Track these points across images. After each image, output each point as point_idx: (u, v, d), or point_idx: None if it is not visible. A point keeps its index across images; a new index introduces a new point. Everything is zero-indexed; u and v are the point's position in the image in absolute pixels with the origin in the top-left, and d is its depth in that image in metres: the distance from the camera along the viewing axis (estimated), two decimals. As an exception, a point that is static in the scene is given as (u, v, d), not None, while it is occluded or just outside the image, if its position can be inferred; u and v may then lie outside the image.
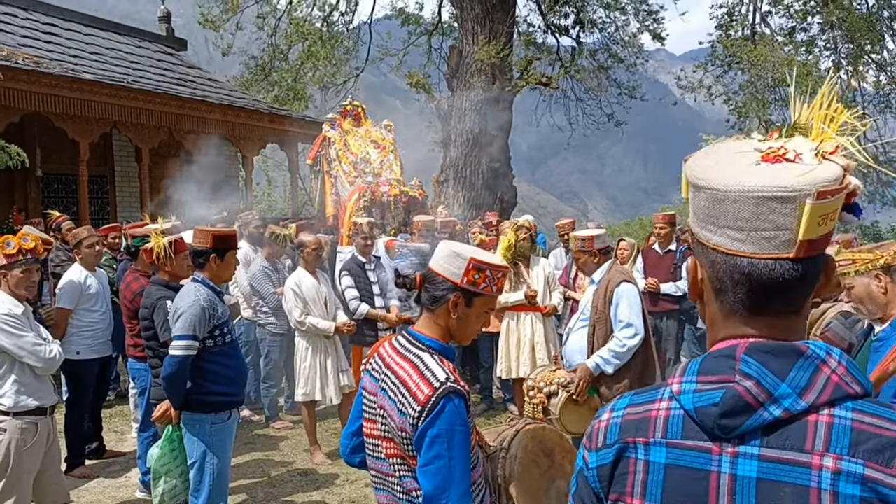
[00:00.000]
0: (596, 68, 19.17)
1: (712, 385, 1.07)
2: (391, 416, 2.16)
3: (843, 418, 1.03)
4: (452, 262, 2.24)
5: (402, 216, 8.49)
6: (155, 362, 4.61)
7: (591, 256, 4.74)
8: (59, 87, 10.67)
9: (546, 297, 6.81)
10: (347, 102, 9.68)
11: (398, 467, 2.19)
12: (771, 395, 1.04)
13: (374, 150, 9.08)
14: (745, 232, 1.08)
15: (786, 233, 1.06)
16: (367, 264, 6.68)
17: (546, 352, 6.60)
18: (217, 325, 3.97)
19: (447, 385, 2.09)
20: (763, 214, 1.07)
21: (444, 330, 2.27)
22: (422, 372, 2.13)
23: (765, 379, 1.04)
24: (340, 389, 6.18)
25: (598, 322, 4.55)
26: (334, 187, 8.80)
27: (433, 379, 2.11)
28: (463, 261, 2.23)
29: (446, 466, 2.05)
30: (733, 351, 1.08)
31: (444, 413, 2.06)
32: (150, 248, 4.53)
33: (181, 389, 3.86)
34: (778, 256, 1.07)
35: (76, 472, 5.74)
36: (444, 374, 2.12)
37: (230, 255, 4.13)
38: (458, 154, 16.99)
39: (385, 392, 2.19)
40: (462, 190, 16.61)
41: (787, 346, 1.07)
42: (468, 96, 16.82)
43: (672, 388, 1.12)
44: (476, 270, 2.22)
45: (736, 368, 1.06)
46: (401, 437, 2.14)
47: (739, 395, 1.04)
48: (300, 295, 6.08)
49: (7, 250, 3.84)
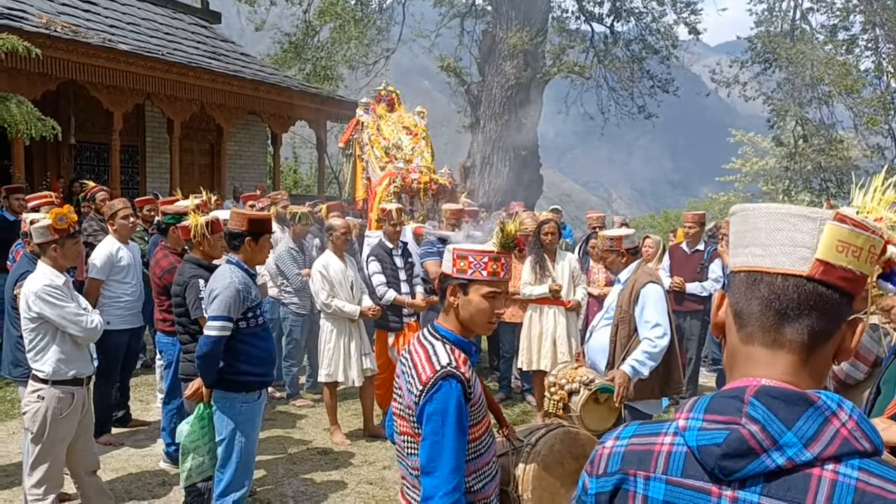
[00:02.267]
0: (630, 59, 18.99)
1: (718, 425, 1.05)
2: (404, 394, 2.36)
3: (848, 476, 1.00)
4: (445, 257, 2.47)
5: (430, 203, 8.55)
6: (185, 338, 4.71)
7: (619, 256, 4.74)
8: (96, 56, 10.81)
9: (570, 292, 6.84)
10: (382, 87, 9.67)
11: (408, 443, 2.37)
12: (776, 441, 1.01)
13: (407, 136, 9.10)
14: (766, 247, 1.11)
15: (804, 250, 1.08)
16: (395, 250, 6.71)
17: (567, 346, 6.66)
18: (250, 308, 4.05)
19: (447, 369, 2.27)
20: (785, 230, 1.10)
21: (458, 322, 2.44)
22: (430, 356, 2.33)
23: (771, 425, 1.02)
24: (363, 372, 6.26)
25: (622, 322, 4.56)
26: (365, 171, 8.85)
27: (436, 362, 2.30)
28: (449, 253, 2.43)
29: (438, 443, 2.21)
30: (742, 393, 1.06)
31: (440, 392, 2.23)
32: (188, 227, 4.60)
33: (214, 368, 3.95)
34: (793, 272, 1.08)
35: (102, 439, 5.86)
36: (447, 359, 2.30)
37: (265, 239, 4.18)
38: (486, 140, 17.01)
39: (403, 374, 2.40)
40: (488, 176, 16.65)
41: (797, 393, 1.05)
42: (499, 82, 16.80)
43: (678, 423, 1.11)
44: (459, 259, 2.40)
45: (743, 411, 1.04)
46: (409, 415, 2.33)
47: (743, 439, 1.02)
48: (327, 277, 6.16)
49: (60, 224, 3.92)
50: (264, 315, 4.27)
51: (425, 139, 9.24)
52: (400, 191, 8.25)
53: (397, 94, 9.73)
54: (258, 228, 4.13)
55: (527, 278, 6.91)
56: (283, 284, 7.26)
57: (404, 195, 8.36)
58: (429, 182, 8.43)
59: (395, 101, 9.64)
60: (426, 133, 9.34)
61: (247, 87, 13.66)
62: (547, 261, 6.86)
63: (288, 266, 7.12)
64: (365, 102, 9.43)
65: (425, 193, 8.42)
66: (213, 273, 4.23)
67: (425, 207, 8.55)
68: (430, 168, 8.82)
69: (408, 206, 8.32)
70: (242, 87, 13.56)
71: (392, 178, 8.25)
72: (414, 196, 8.46)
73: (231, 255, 4.18)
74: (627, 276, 4.70)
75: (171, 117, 12.90)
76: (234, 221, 4.14)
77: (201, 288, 4.43)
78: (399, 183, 8.20)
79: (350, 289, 6.28)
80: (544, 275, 6.82)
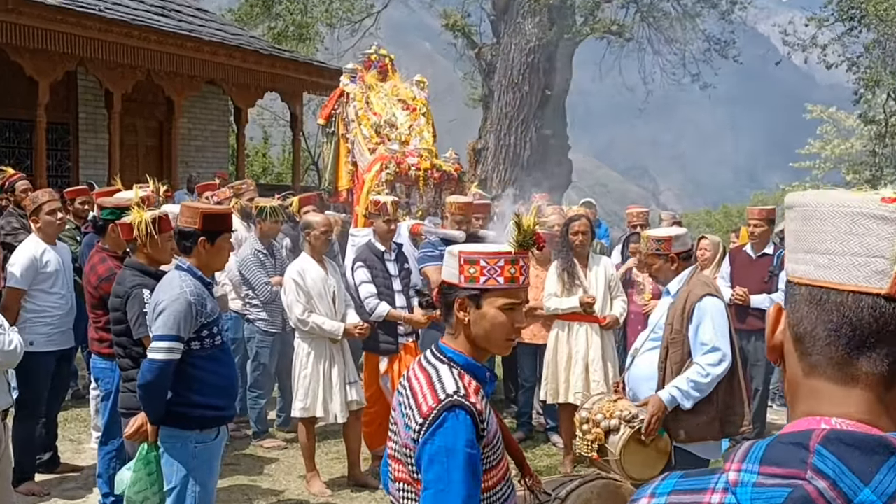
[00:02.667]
0: (681, 15, 18.91)
1: (777, 480, 1.03)
2: (400, 431, 2.36)
3: None
4: (449, 263, 2.45)
5: (432, 195, 8.54)
6: (125, 363, 4.72)
7: (668, 262, 4.71)
8: (16, 12, 10.82)
9: (606, 306, 6.83)
10: (372, 50, 9.63)
11: (405, 492, 2.36)
12: (850, 501, 0.99)
13: (403, 111, 9.07)
14: (833, 256, 1.09)
15: (881, 261, 1.05)
16: (387, 253, 6.72)
17: (603, 373, 6.65)
18: (205, 324, 4.05)
19: (453, 398, 2.25)
20: (856, 235, 1.07)
21: (468, 341, 2.44)
22: (433, 383, 2.32)
23: (843, 480, 1.00)
24: (347, 406, 6.24)
25: (673, 344, 4.55)
26: (350, 154, 8.83)
27: (440, 390, 2.28)
28: (454, 258, 2.43)
29: (444, 492, 2.18)
30: (807, 438, 1.05)
31: (445, 428, 2.22)
32: (130, 224, 4.59)
33: (160, 400, 3.93)
34: (867, 290, 1.06)
35: (23, 487, 5.82)
36: (454, 386, 2.30)
37: (223, 240, 4.18)
38: (501, 116, 16.99)
39: (400, 405, 2.39)
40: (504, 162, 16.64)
41: (875, 438, 1.03)
42: (518, 44, 16.77)
43: (728, 476, 1.09)
44: (469, 264, 2.40)
45: (808, 462, 1.02)
46: (405, 456, 2.32)
47: (809, 499, 1.00)
48: (303, 287, 6.12)
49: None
50: (224, 334, 4.27)
51: (426, 115, 9.21)
52: (394, 179, 8.23)
53: (391, 59, 9.69)
54: (215, 226, 4.12)
55: (552, 289, 6.90)
56: (247, 296, 7.25)
57: (399, 184, 8.33)
58: (430, 168, 8.40)
59: (389, 68, 9.61)
60: (427, 107, 9.31)
61: (203, 50, 13.71)
62: (577, 267, 6.84)
63: (254, 273, 7.12)
64: (351, 69, 9.40)
65: (425, 183, 8.38)
66: (160, 282, 4.22)
67: (425, 200, 8.52)
68: (432, 151, 8.79)
69: (404, 199, 8.29)
70: (198, 50, 13.62)
71: (384, 164, 8.23)
72: (411, 186, 8.41)
73: (182, 260, 4.17)
74: (679, 287, 4.67)
75: (109, 88, 12.94)
76: (185, 217, 4.13)
77: (146, 300, 4.43)
78: (393, 169, 8.18)
79: (332, 301, 6.25)
80: (574, 284, 6.80)
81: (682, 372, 4.51)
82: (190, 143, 16.20)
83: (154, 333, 3.99)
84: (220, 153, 17.29)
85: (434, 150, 8.86)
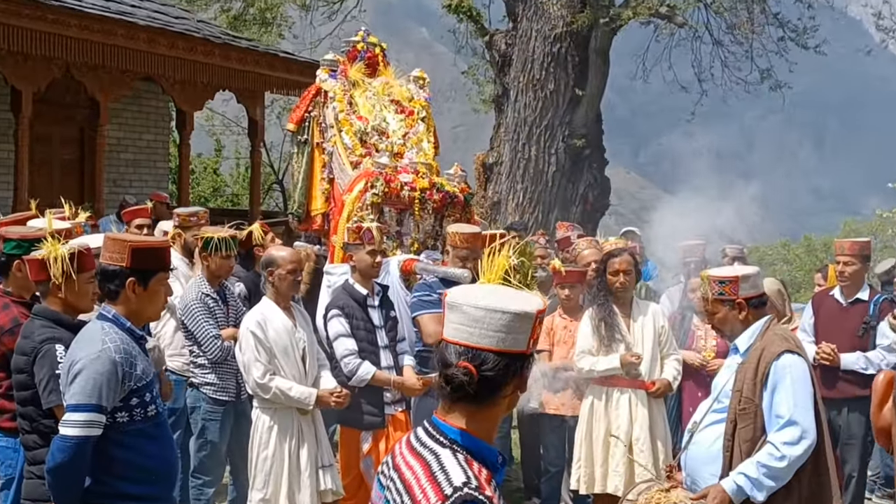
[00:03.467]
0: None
1: None
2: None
3: None
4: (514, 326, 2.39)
5: (430, 223, 8.46)
6: (33, 440, 4.64)
7: (735, 309, 4.71)
8: None
9: (655, 367, 6.81)
10: (358, 38, 9.52)
11: None
12: None
13: (396, 115, 8.99)
14: None
15: None
16: (370, 297, 6.67)
17: (651, 455, 6.61)
18: (135, 390, 4.01)
19: (463, 492, 2.23)
20: None
21: (489, 424, 2.47)
22: (433, 474, 2.31)
23: None
24: (319, 496, 6.18)
25: (743, 416, 4.53)
26: (327, 169, 8.71)
27: (445, 483, 2.27)
28: (528, 318, 2.41)
29: None
30: None
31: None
32: (41, 261, 4.54)
33: (77, 488, 3.86)
34: None
35: None
36: (462, 476, 2.27)
37: (158, 281, 4.17)
38: (519, 121, 16.93)
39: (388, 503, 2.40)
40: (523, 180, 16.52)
41: None
42: (540, 30, 16.78)
43: None
44: (540, 323, 2.47)
45: None
46: None
47: None
48: (264, 342, 6.09)
49: None
50: (159, 402, 4.23)
51: (425, 121, 9.13)
52: (382, 201, 8.12)
53: (383, 49, 9.64)
54: (149, 264, 4.12)
55: (586, 344, 6.88)
56: (191, 353, 7.19)
57: (389, 209, 8.27)
58: (429, 189, 8.32)
59: (380, 61, 9.55)
60: (428, 111, 9.26)
61: (138, 37, 13.62)
62: (618, 316, 6.84)
63: (200, 323, 7.02)
64: (330, 61, 9.23)
65: (422, 207, 8.31)
66: (78, 335, 4.18)
67: (422, 230, 8.44)
68: (433, 167, 8.71)
69: (394, 227, 8.26)
70: (131, 37, 13.53)
71: (370, 181, 8.12)
72: (404, 211, 8.32)
73: (106, 307, 4.14)
74: (749, 343, 4.66)
75: (16, 86, 12.94)
76: (110, 253, 4.11)
77: (59, 358, 4.38)
78: (381, 189, 8.09)
79: (300, 360, 6.23)
80: (613, 339, 6.78)
81: (753, 453, 4.47)
82: (119, 156, 16.07)
83: (68, 402, 3.94)
84: (159, 169, 17.10)
85: (435, 165, 8.80)
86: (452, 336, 2.42)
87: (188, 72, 14.78)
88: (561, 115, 16.56)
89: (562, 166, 16.56)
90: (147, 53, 13.92)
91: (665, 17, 18.26)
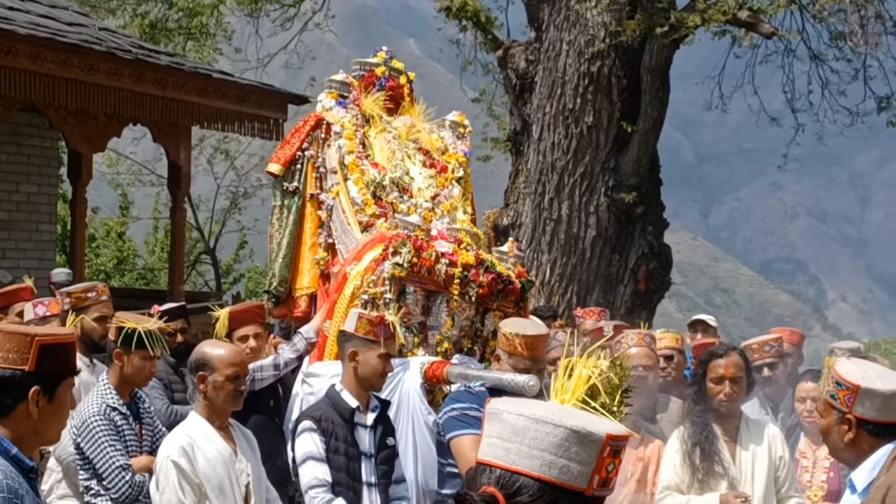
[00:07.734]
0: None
1: None
2: None
3: None
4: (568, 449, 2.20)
5: (470, 315, 7.55)
6: None
7: (843, 425, 4.17)
8: None
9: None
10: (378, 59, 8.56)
11: None
12: None
13: (423, 169, 8.16)
14: None
15: None
16: (360, 413, 6.09)
17: None
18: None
19: None
20: None
21: None
22: None
23: None
24: None
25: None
26: (324, 230, 7.86)
27: None
28: (595, 443, 2.21)
29: None
30: None
31: None
32: None
33: None
34: None
35: None
36: None
37: (65, 389, 3.97)
38: (545, 166, 15.98)
39: None
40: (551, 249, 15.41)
41: None
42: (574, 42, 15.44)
43: None
44: (613, 456, 2.27)
45: None
46: None
47: None
48: (191, 476, 5.57)
49: None
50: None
51: (461, 183, 8.39)
52: (406, 275, 7.16)
53: (410, 81, 8.85)
54: (55, 366, 3.88)
55: (673, 477, 6.24)
56: (89, 489, 6.38)
57: (414, 288, 7.32)
58: (475, 266, 7.37)
59: (405, 94, 8.76)
60: (466, 170, 8.51)
61: (18, 51, 12.17)
62: (719, 440, 6.19)
63: (103, 449, 6.30)
64: (340, 83, 8.40)
65: (464, 291, 7.36)
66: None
67: (457, 323, 7.48)
68: (480, 237, 8.01)
69: (417, 314, 7.24)
70: (7, 51, 12.08)
71: (393, 246, 7.15)
72: (435, 293, 7.43)
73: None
74: (873, 475, 4.19)
75: None
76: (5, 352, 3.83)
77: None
78: (408, 257, 7.11)
79: (243, 501, 5.71)
80: (712, 471, 6.14)
81: None
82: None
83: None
84: (42, 233, 15.70)
85: (483, 237, 8.29)
86: (484, 454, 2.25)
87: (85, 99, 13.20)
88: (603, 158, 15.05)
89: (604, 230, 15.08)
90: (30, 74, 12.46)
91: (746, 25, 16.00)
